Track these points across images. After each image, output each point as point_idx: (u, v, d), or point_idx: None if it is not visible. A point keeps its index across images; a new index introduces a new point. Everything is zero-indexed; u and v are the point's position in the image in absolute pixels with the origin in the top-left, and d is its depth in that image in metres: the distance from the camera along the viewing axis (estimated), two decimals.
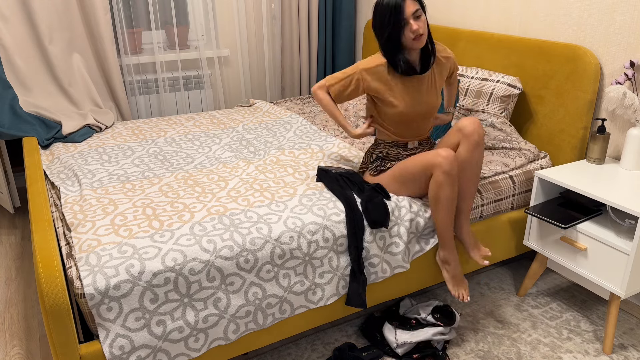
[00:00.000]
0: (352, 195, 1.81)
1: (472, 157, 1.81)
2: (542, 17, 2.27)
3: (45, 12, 2.61)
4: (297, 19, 3.37)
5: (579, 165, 2.03)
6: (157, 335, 1.45)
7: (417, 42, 1.75)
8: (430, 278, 1.98)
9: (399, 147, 1.95)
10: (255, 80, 3.51)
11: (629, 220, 1.84)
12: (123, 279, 1.41)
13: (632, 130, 1.91)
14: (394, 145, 1.94)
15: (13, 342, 1.96)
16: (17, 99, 2.56)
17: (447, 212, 1.77)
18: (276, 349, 1.89)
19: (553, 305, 2.12)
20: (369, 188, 1.83)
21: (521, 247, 2.19)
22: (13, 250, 2.59)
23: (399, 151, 1.95)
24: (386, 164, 1.94)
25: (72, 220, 1.68)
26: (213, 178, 2.02)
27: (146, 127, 2.67)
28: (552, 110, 2.23)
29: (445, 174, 1.70)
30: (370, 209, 1.75)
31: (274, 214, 1.71)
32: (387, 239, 1.79)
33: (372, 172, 1.95)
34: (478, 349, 1.87)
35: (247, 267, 1.56)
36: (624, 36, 1.97)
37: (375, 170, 1.94)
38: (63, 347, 1.36)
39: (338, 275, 1.71)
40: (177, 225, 1.63)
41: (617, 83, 1.95)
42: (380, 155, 1.95)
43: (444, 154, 1.70)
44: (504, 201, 2.08)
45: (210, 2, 3.17)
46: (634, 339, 1.93)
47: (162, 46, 3.23)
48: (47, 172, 2.14)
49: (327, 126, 2.69)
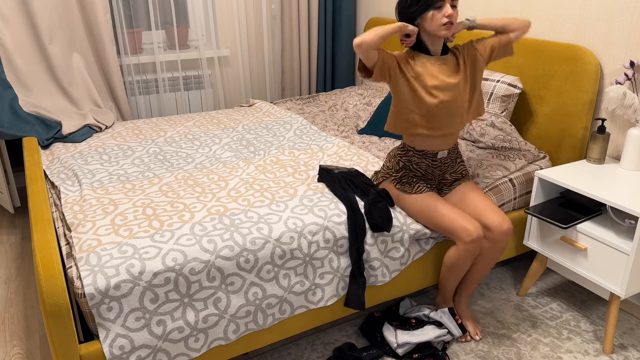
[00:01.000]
0: (353, 197, 1.79)
1: (494, 254, 1.80)
2: (542, 17, 2.27)
3: (45, 12, 2.61)
4: (297, 19, 3.37)
5: (579, 165, 2.03)
6: (157, 335, 1.45)
7: (444, 29, 1.65)
8: (430, 278, 1.98)
9: (427, 158, 1.85)
10: (255, 80, 3.51)
11: (629, 220, 1.84)
12: (123, 279, 1.41)
13: (632, 130, 1.91)
14: (423, 155, 1.84)
15: (13, 342, 1.96)
16: (17, 99, 2.56)
17: (456, 278, 1.84)
18: (276, 349, 1.89)
19: (553, 305, 2.12)
20: (374, 192, 1.79)
21: (521, 247, 2.19)
22: (13, 250, 2.59)
23: (428, 162, 1.85)
24: (413, 183, 1.84)
25: (72, 220, 1.68)
26: (213, 178, 2.01)
27: (146, 127, 2.67)
28: (552, 110, 2.23)
29: (469, 252, 1.73)
30: (373, 213, 1.73)
31: (274, 214, 1.71)
32: (389, 243, 1.79)
33: (395, 183, 1.87)
34: (478, 349, 1.87)
35: (248, 267, 1.56)
36: (624, 36, 1.97)
37: (399, 182, 1.86)
38: (63, 347, 1.36)
39: (338, 276, 1.71)
40: (177, 225, 1.63)
41: (617, 83, 1.95)
42: (408, 165, 1.85)
43: (474, 234, 1.70)
44: (505, 205, 2.08)
45: (210, 2, 3.17)
46: (634, 339, 1.93)
47: (162, 46, 3.23)
48: (47, 172, 2.14)
49: (327, 126, 2.69)
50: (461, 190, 1.88)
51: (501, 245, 1.77)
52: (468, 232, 1.70)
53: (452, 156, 1.89)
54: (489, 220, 1.76)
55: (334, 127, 2.67)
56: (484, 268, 1.83)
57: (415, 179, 1.86)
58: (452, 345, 1.89)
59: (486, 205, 1.80)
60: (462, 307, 1.95)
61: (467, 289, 1.91)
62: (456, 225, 1.72)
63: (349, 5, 3.45)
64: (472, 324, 1.93)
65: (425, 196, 1.81)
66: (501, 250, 1.80)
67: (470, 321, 1.94)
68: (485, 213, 1.77)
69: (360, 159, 2.18)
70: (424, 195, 1.81)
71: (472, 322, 1.94)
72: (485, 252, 1.80)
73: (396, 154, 1.90)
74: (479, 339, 1.90)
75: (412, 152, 1.85)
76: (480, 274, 1.85)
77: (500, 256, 1.83)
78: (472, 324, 1.93)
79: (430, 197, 1.80)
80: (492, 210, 1.78)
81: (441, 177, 1.90)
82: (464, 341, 1.89)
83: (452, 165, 1.90)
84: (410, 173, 1.87)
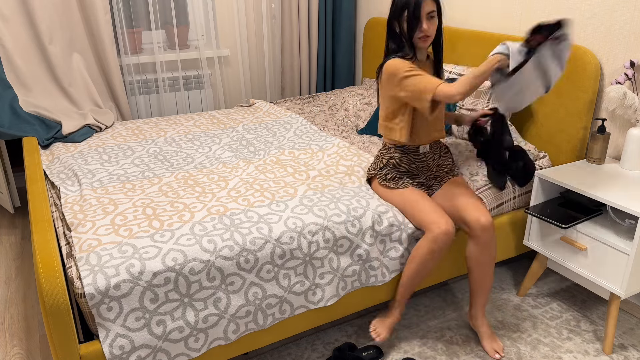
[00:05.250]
0: None
1: (483, 257, 1.76)
2: (542, 17, 2.27)
3: (45, 12, 2.61)
4: (297, 19, 3.37)
5: (579, 165, 2.03)
6: (157, 335, 1.45)
7: (421, 42, 1.77)
8: (430, 278, 1.98)
9: (409, 153, 1.90)
10: (255, 80, 3.51)
11: (629, 220, 1.84)
12: (123, 279, 1.41)
13: (632, 130, 1.91)
14: (405, 150, 1.90)
15: (13, 342, 1.96)
16: (17, 99, 2.56)
17: (414, 273, 1.76)
18: (276, 349, 1.89)
19: (553, 305, 2.12)
20: None
21: (521, 247, 2.19)
22: (13, 250, 2.59)
23: (410, 158, 1.90)
24: (398, 179, 1.88)
25: (72, 220, 1.68)
26: (213, 178, 2.01)
27: (146, 127, 2.67)
28: (552, 110, 2.23)
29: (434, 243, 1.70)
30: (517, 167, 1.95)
31: (274, 214, 1.71)
32: (388, 243, 1.79)
33: (380, 181, 1.90)
34: (478, 349, 1.87)
35: (248, 267, 1.56)
36: (624, 36, 1.97)
37: (385, 180, 1.89)
38: (63, 347, 1.36)
39: (338, 276, 1.71)
40: (177, 225, 1.63)
41: (617, 83, 1.95)
42: (391, 161, 1.91)
43: (442, 227, 1.69)
44: (505, 205, 2.08)
45: (210, 2, 3.17)
46: (634, 339, 1.93)
47: (162, 46, 3.23)
48: (47, 172, 2.14)
49: (327, 126, 2.69)
50: (447, 186, 1.91)
51: (484, 240, 1.72)
52: (438, 225, 1.70)
53: (436, 150, 1.94)
54: (467, 215, 1.75)
55: (334, 127, 2.68)
56: (482, 272, 1.79)
57: (400, 174, 1.90)
58: (452, 344, 1.89)
59: (467, 201, 1.78)
60: (479, 322, 1.87)
61: (478, 301, 1.85)
62: (429, 218, 1.73)
63: (349, 5, 3.45)
64: (490, 343, 1.85)
65: (409, 191, 1.84)
66: (487, 248, 1.74)
67: (488, 340, 1.85)
68: (465, 209, 1.76)
69: (360, 159, 2.18)
70: (407, 190, 1.84)
71: (490, 341, 1.85)
72: (472, 253, 1.77)
73: (379, 153, 1.97)
74: (498, 357, 1.81)
75: (394, 149, 1.91)
76: (481, 280, 1.80)
77: (491, 257, 1.77)
78: (490, 343, 1.85)
79: (413, 192, 1.83)
80: (473, 205, 1.76)
81: (428, 171, 1.93)
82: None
83: (436, 159, 1.94)
84: (394, 169, 1.90)
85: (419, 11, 1.71)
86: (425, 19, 1.73)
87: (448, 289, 2.23)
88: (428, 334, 1.95)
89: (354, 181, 1.99)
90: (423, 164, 1.92)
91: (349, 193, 1.87)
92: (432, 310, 2.09)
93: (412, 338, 1.93)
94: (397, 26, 1.78)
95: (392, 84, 1.76)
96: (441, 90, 1.62)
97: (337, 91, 3.27)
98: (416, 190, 1.84)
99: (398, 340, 1.92)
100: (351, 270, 1.73)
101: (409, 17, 1.72)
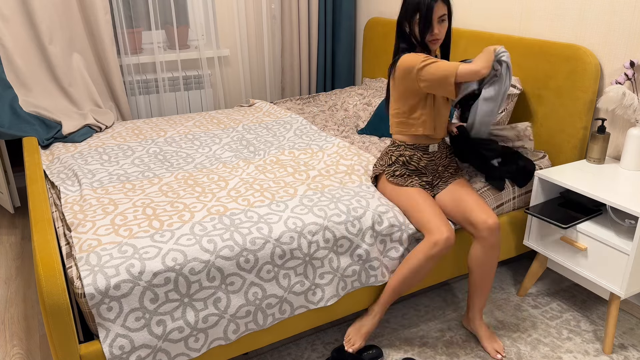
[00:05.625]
0: None
1: (487, 258, 1.77)
2: (542, 17, 2.27)
3: (45, 12, 2.61)
4: (297, 19, 3.37)
5: (579, 165, 2.03)
6: (157, 335, 1.45)
7: (431, 44, 1.78)
8: (430, 278, 1.98)
9: (419, 151, 1.90)
10: (255, 80, 3.51)
11: (629, 220, 1.84)
12: (123, 279, 1.41)
13: (632, 130, 1.91)
14: (415, 148, 1.90)
15: (13, 342, 1.96)
16: (17, 99, 2.56)
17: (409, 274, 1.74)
18: (276, 349, 1.89)
19: (553, 305, 2.12)
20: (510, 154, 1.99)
21: (521, 247, 2.19)
22: (13, 250, 2.59)
23: (419, 156, 1.90)
24: (407, 177, 1.88)
25: (72, 220, 1.68)
26: (213, 178, 2.01)
27: (146, 127, 2.67)
28: (552, 110, 2.23)
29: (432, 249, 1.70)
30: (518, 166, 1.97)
31: (274, 214, 1.71)
32: (388, 243, 1.79)
33: (388, 177, 1.90)
34: (478, 349, 1.87)
35: (248, 267, 1.56)
36: (624, 36, 1.97)
37: (394, 176, 1.88)
38: (63, 347, 1.36)
39: (338, 276, 1.71)
40: (177, 225, 1.63)
41: (617, 83, 1.95)
42: (401, 159, 1.90)
43: (444, 234, 1.69)
44: (505, 205, 2.08)
45: (210, 2, 3.17)
46: (634, 339, 1.93)
47: (162, 46, 3.23)
48: (47, 172, 2.14)
49: (327, 126, 2.69)
50: (453, 187, 1.90)
51: (490, 242, 1.73)
52: (440, 230, 1.70)
53: (443, 150, 1.95)
54: (474, 217, 1.75)
55: (334, 127, 2.68)
56: (483, 274, 1.79)
57: (409, 172, 1.89)
58: (452, 345, 1.89)
59: (474, 203, 1.79)
60: (477, 324, 1.88)
61: (477, 302, 1.85)
62: (432, 223, 1.73)
63: (349, 5, 3.45)
64: (491, 343, 1.85)
65: (416, 191, 1.83)
66: (492, 250, 1.75)
67: (489, 341, 1.85)
68: (472, 210, 1.77)
69: (360, 159, 2.18)
70: (414, 190, 1.84)
71: (491, 342, 1.85)
72: (476, 255, 1.77)
73: (388, 150, 1.96)
74: (500, 357, 1.81)
75: (404, 147, 1.90)
76: (482, 282, 1.80)
77: (494, 259, 1.78)
78: (491, 343, 1.85)
79: (420, 193, 1.83)
80: (480, 207, 1.77)
81: (435, 171, 1.93)
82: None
83: (443, 159, 1.95)
84: (403, 167, 1.90)
85: (430, 15, 1.71)
86: (436, 23, 1.73)
87: (448, 289, 2.23)
88: (428, 334, 1.95)
89: (354, 180, 1.99)
90: (432, 163, 1.92)
91: (349, 193, 1.87)
92: (432, 310, 2.09)
93: (412, 338, 1.93)
94: (408, 27, 1.78)
95: (410, 77, 1.75)
96: (463, 70, 1.63)
97: (337, 91, 3.27)
98: (423, 192, 1.84)
99: (398, 340, 1.92)
100: (351, 271, 1.73)
101: (420, 20, 1.72)
